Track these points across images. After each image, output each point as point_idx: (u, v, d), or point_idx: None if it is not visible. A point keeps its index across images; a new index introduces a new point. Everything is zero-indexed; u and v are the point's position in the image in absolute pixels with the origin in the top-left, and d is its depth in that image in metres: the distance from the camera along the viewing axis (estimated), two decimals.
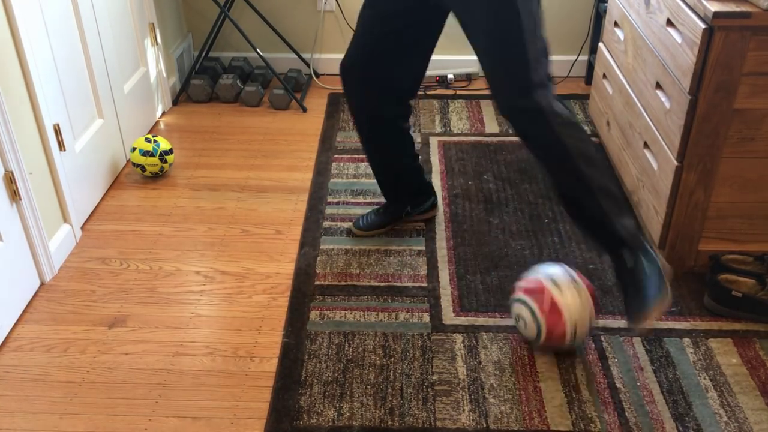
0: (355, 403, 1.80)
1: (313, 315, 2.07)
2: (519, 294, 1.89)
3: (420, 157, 2.56)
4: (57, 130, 2.26)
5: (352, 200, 2.57)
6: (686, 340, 1.97)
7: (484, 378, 1.86)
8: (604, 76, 2.77)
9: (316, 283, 2.18)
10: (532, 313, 1.84)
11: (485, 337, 1.99)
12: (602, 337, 1.98)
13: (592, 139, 1.86)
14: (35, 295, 2.15)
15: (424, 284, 2.18)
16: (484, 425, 1.74)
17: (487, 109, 3.20)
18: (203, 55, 3.34)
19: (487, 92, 3.33)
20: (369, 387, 1.84)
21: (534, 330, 1.86)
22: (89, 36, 2.48)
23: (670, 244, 2.16)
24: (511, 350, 1.95)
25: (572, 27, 3.38)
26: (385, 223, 2.40)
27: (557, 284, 1.83)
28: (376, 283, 2.18)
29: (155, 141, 2.67)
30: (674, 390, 1.83)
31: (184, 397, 1.82)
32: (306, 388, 1.83)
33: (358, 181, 2.68)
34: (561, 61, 3.45)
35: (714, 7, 1.84)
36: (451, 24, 1.99)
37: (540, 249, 2.32)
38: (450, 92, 3.36)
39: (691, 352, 1.94)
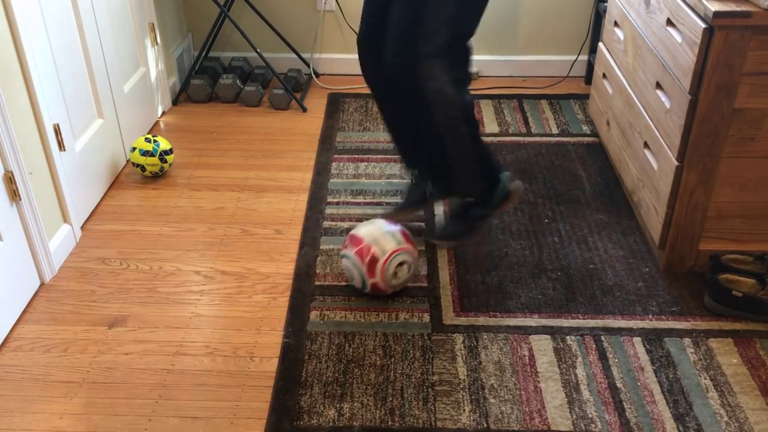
0: (355, 404, 1.79)
1: (314, 315, 2.06)
2: (348, 251, 2.09)
3: None
4: (57, 130, 2.26)
5: (352, 200, 2.57)
6: (687, 340, 1.97)
7: (485, 378, 1.86)
8: (604, 76, 2.77)
9: (316, 283, 2.18)
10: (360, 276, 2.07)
11: (485, 337, 1.99)
12: (603, 337, 1.98)
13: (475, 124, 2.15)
14: (35, 295, 2.15)
15: (424, 284, 2.18)
16: (485, 425, 1.74)
17: (487, 109, 3.20)
18: (203, 55, 3.34)
19: (486, 92, 3.34)
20: (369, 387, 1.84)
21: (360, 283, 2.10)
22: (89, 36, 2.48)
23: (671, 244, 2.16)
24: (511, 350, 1.95)
25: (572, 27, 3.38)
26: (414, 205, 2.45)
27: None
28: None
29: (155, 141, 2.66)
30: (675, 390, 1.83)
31: (184, 397, 1.82)
32: (306, 389, 1.83)
33: (358, 181, 2.68)
34: (561, 60, 3.45)
35: (714, 7, 1.84)
36: None
37: (540, 249, 2.32)
38: None
39: (692, 352, 1.94)
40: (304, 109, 3.21)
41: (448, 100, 2.03)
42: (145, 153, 2.64)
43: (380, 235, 2.06)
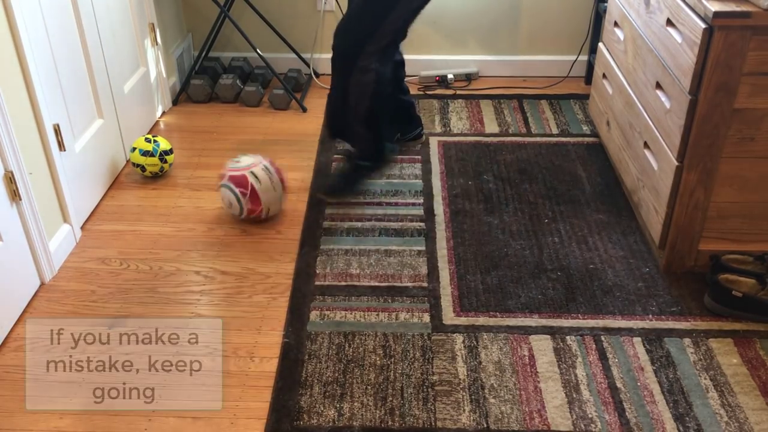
0: (355, 404, 1.79)
1: (313, 315, 2.06)
2: (226, 181, 2.39)
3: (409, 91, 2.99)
4: (57, 130, 2.25)
5: (352, 200, 2.57)
6: (687, 340, 1.97)
7: (485, 378, 1.86)
8: (604, 76, 2.77)
9: (316, 283, 2.18)
10: (237, 198, 2.37)
11: (485, 337, 1.99)
12: (602, 337, 1.98)
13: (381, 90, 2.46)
14: (35, 295, 2.15)
15: (424, 284, 2.18)
16: (485, 425, 1.74)
17: (487, 109, 3.20)
18: (203, 55, 3.34)
19: (487, 92, 3.34)
20: (369, 387, 1.84)
21: (238, 209, 2.40)
22: (89, 36, 2.48)
23: (671, 244, 2.16)
24: (511, 350, 1.95)
25: (572, 27, 3.38)
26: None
27: (256, 176, 2.37)
28: (376, 283, 2.18)
29: (155, 141, 2.66)
30: (675, 390, 1.83)
31: (184, 397, 1.82)
32: (306, 389, 1.83)
33: None
34: (561, 61, 3.45)
35: (714, 7, 1.84)
36: (452, 25, 2.00)
37: (540, 249, 2.32)
38: (450, 92, 3.36)
39: (692, 352, 1.94)
40: (304, 109, 3.21)
41: (366, 89, 2.41)
42: (145, 153, 2.64)
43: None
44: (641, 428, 1.73)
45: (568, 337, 1.98)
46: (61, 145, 2.28)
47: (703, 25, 1.87)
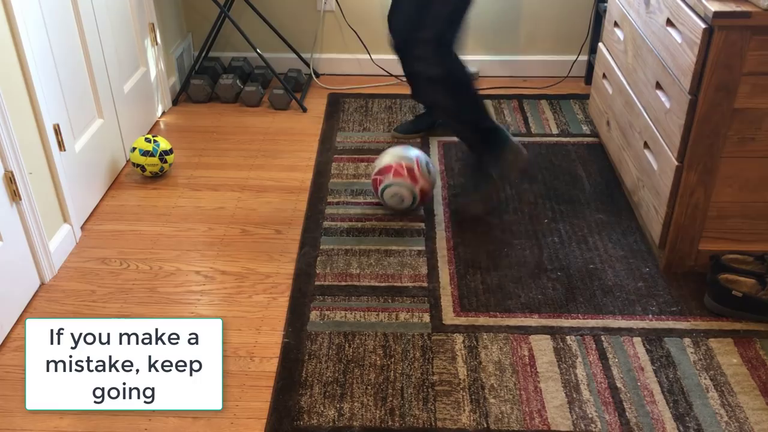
0: (355, 404, 1.79)
1: (313, 315, 2.06)
2: (389, 180, 2.41)
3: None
4: (57, 130, 2.25)
5: (352, 200, 2.57)
6: (687, 340, 1.97)
7: (485, 378, 1.86)
8: (604, 76, 2.77)
9: (316, 283, 2.18)
10: (408, 187, 2.41)
11: (485, 337, 1.99)
12: (603, 337, 1.98)
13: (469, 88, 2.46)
14: (35, 295, 2.15)
15: (424, 284, 2.18)
16: (485, 425, 1.74)
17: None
18: (203, 55, 3.34)
19: (486, 92, 3.34)
20: (369, 387, 1.84)
21: (410, 199, 2.43)
22: (89, 36, 2.48)
23: (671, 244, 2.16)
24: (511, 350, 1.95)
25: (572, 27, 3.38)
26: (419, 129, 2.91)
27: (402, 163, 2.41)
28: (376, 283, 2.18)
29: (155, 141, 2.67)
30: (675, 390, 1.83)
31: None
32: (306, 389, 1.83)
33: (357, 181, 2.68)
34: (561, 60, 3.45)
35: (714, 7, 1.84)
36: None
37: (540, 249, 2.32)
38: None
39: (692, 352, 1.94)
40: (304, 109, 3.21)
41: (432, 82, 2.36)
42: (145, 153, 2.64)
43: (400, 153, 2.45)
44: (641, 428, 1.73)
45: (568, 337, 1.98)
46: (61, 145, 2.28)
47: (703, 25, 1.87)
